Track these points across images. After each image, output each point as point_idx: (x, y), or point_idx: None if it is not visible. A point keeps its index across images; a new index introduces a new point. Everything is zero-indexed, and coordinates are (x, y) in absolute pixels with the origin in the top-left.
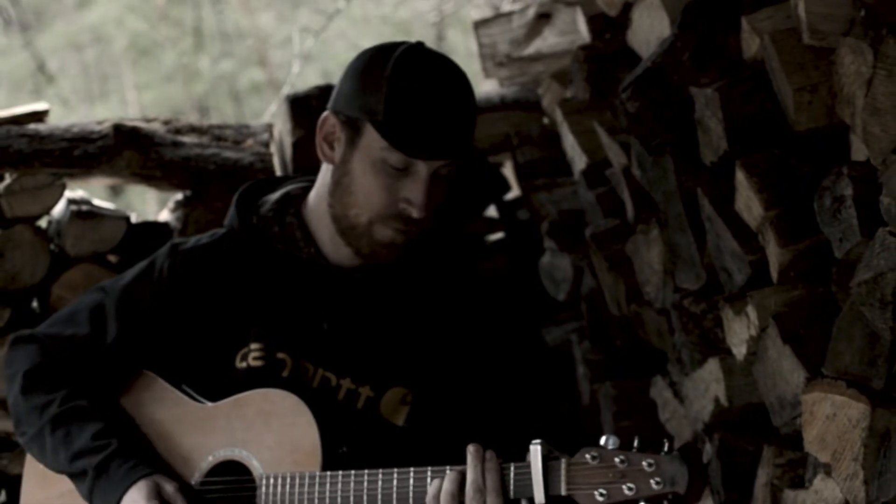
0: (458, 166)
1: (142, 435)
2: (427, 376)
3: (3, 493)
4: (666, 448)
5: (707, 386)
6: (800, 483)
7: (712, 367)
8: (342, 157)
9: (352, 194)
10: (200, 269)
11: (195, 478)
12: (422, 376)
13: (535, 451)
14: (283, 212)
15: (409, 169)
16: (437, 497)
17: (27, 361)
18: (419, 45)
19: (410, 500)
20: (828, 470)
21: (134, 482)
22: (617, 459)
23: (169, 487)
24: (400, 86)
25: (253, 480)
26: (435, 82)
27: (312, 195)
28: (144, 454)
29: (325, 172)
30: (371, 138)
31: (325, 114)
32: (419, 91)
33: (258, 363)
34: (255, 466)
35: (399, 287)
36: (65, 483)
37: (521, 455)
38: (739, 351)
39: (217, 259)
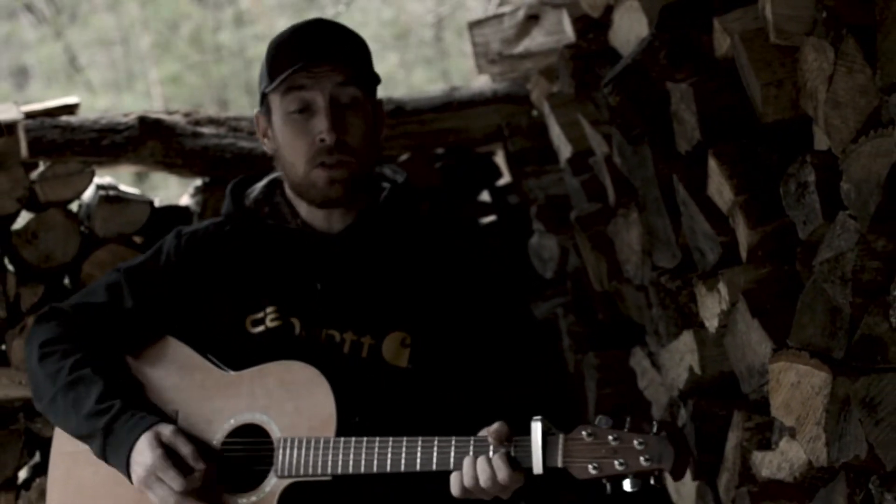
0: (363, 95)
1: (147, 395)
2: (421, 318)
3: (38, 454)
4: (655, 429)
5: (682, 356)
6: (767, 445)
7: (687, 338)
8: (272, 137)
9: (285, 158)
10: (203, 248)
11: (217, 437)
12: (416, 319)
13: (536, 427)
14: (270, 194)
15: (311, 108)
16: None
17: (44, 334)
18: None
19: (417, 466)
20: (792, 433)
21: (137, 437)
22: (610, 437)
23: (166, 431)
24: (272, 48)
25: (271, 443)
26: (298, 27)
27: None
28: (146, 409)
29: (276, 161)
30: (274, 104)
31: (255, 116)
32: (285, 39)
33: (275, 324)
34: (274, 430)
35: (382, 244)
36: None
37: (512, 414)
38: (712, 324)
39: (217, 239)
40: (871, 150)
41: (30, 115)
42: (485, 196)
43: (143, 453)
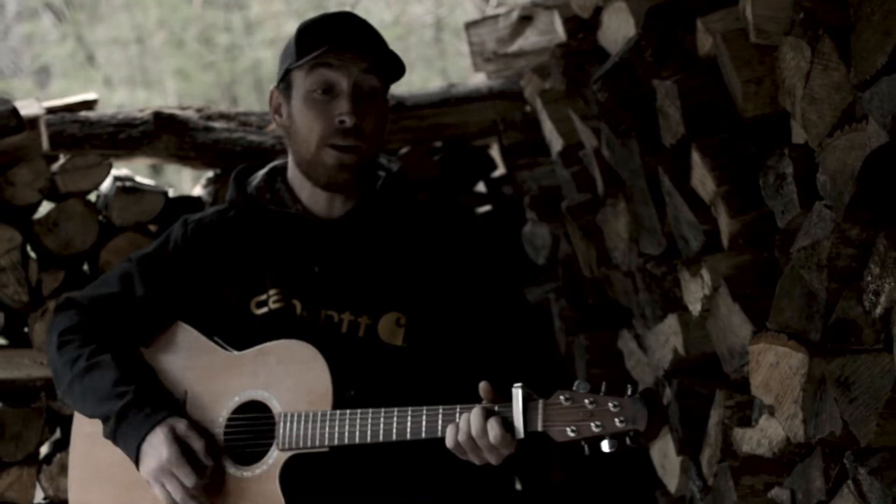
0: (382, 85)
1: (160, 381)
2: (415, 299)
3: (58, 430)
4: (629, 392)
5: (667, 338)
6: (747, 422)
7: (671, 321)
8: (287, 114)
9: (299, 134)
10: (208, 235)
11: (223, 415)
12: (410, 299)
13: (517, 393)
14: (272, 181)
15: (333, 90)
16: (457, 445)
17: (62, 324)
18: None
19: (408, 435)
20: (771, 411)
21: (152, 428)
22: (586, 401)
23: (181, 425)
24: (302, 29)
25: (273, 417)
26: (330, 15)
27: (289, 163)
28: (160, 399)
29: (286, 138)
30: (297, 80)
31: (269, 91)
32: (317, 22)
33: (278, 305)
34: (275, 406)
35: (378, 228)
36: None
37: (505, 390)
38: (695, 308)
39: (222, 226)
40: (845, 143)
41: (51, 111)
42: (481, 187)
43: (159, 447)
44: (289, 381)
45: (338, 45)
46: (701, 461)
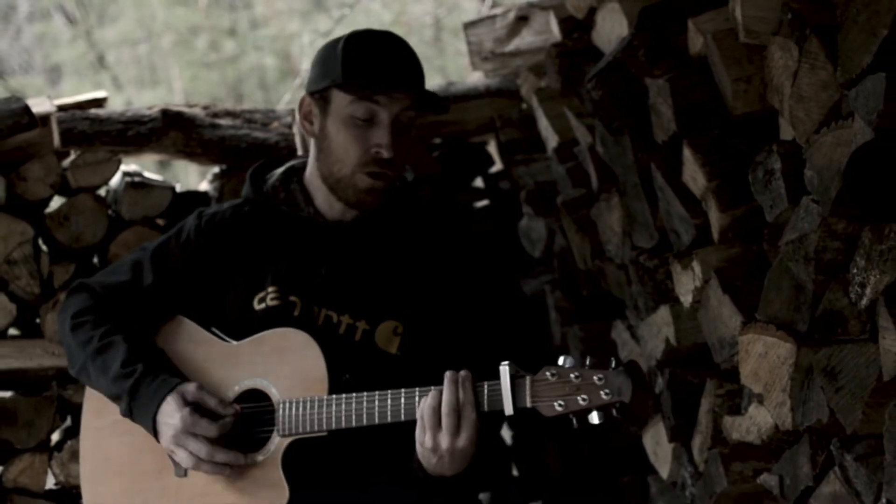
0: (416, 115)
1: (167, 359)
2: (414, 310)
3: (69, 418)
4: (613, 365)
5: (659, 329)
6: (737, 410)
7: (663, 312)
8: (320, 127)
9: (332, 153)
10: (221, 229)
11: None
12: (409, 310)
13: (504, 370)
14: (287, 181)
15: (374, 119)
16: (423, 412)
17: (76, 306)
18: (365, 30)
19: (402, 416)
20: (760, 399)
21: (163, 399)
22: (572, 376)
23: (190, 388)
24: (351, 50)
25: (272, 405)
26: (379, 40)
27: (308, 166)
28: (167, 372)
29: (312, 145)
30: (338, 100)
31: (301, 96)
32: (367, 48)
33: (275, 303)
34: (274, 393)
35: (386, 236)
36: (117, 411)
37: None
38: (686, 299)
39: (235, 222)
40: (832, 140)
41: (62, 108)
42: (479, 182)
43: (172, 415)
44: (286, 368)
45: (389, 87)
46: (692, 448)
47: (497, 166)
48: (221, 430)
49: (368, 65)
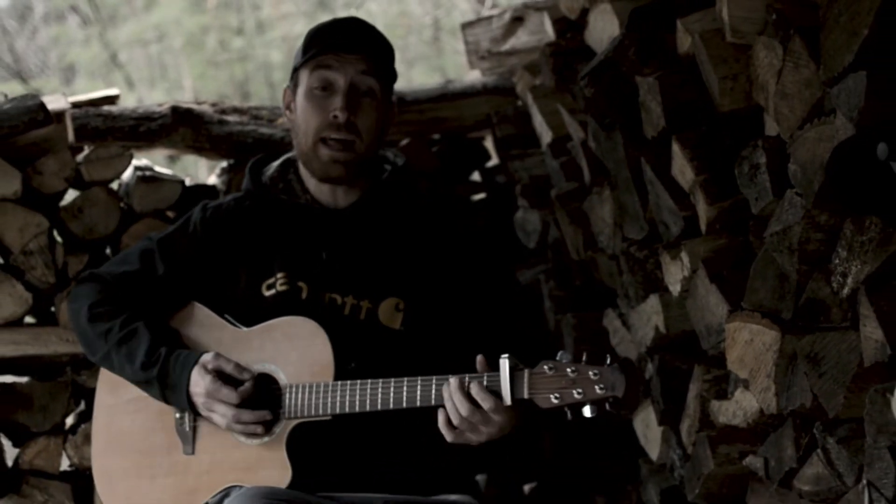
0: (380, 86)
1: (182, 343)
2: (414, 286)
3: (83, 403)
4: (608, 361)
5: (649, 317)
6: (724, 395)
7: (653, 301)
8: (293, 109)
9: (299, 127)
10: (226, 220)
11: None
12: (409, 286)
13: (504, 363)
14: (285, 172)
15: (331, 88)
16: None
17: (90, 296)
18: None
19: (404, 403)
20: (746, 385)
21: (189, 376)
22: (568, 370)
23: (208, 357)
24: (311, 31)
25: (280, 389)
26: (339, 20)
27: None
28: (188, 351)
29: (292, 133)
30: (302, 79)
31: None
32: (325, 25)
33: (284, 288)
34: (282, 378)
35: (382, 218)
36: (131, 390)
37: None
38: (675, 289)
39: (238, 212)
40: (815, 135)
41: (76, 105)
42: (476, 176)
43: (198, 384)
44: (294, 354)
45: (338, 48)
46: (681, 431)
47: (493, 161)
48: (242, 396)
49: (322, 36)
